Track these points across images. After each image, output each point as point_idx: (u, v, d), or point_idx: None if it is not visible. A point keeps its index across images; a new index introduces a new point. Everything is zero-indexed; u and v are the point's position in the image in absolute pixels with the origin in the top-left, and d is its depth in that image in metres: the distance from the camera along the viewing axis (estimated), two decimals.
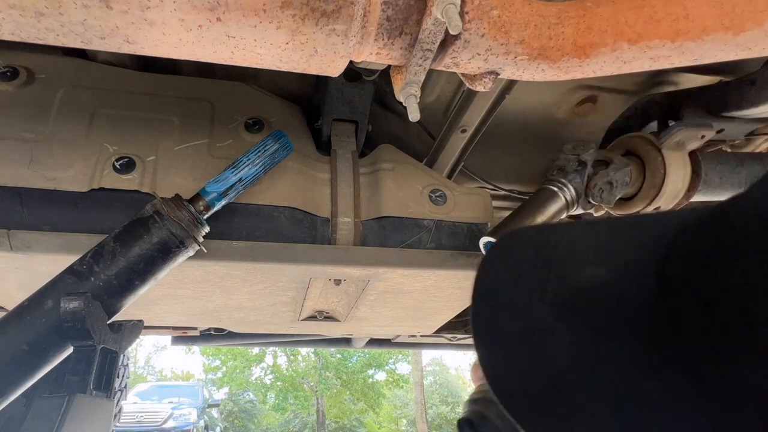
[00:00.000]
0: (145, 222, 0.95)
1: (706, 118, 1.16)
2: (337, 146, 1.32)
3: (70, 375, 0.94)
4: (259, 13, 0.64)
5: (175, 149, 1.14)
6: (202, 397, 15.71)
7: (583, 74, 0.80)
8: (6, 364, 0.86)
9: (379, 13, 0.68)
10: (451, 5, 0.64)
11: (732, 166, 1.19)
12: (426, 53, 0.72)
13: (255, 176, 1.05)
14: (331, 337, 2.38)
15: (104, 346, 0.96)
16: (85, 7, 0.62)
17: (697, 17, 0.74)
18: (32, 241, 1.00)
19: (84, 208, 1.05)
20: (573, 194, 1.08)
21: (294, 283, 1.27)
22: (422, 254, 1.22)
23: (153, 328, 2.02)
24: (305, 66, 0.75)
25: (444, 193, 1.28)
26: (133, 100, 1.18)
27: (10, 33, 0.66)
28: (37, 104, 1.11)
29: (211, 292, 1.32)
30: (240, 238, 1.12)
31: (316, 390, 19.96)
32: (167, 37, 0.68)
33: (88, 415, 0.92)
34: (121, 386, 3.99)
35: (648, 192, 1.16)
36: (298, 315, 1.61)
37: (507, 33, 0.72)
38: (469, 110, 1.27)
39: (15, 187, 1.03)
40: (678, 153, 1.15)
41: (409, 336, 2.43)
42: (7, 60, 1.15)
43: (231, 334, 2.27)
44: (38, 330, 0.88)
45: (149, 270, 0.95)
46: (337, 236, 1.20)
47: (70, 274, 0.92)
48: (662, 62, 0.79)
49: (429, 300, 1.48)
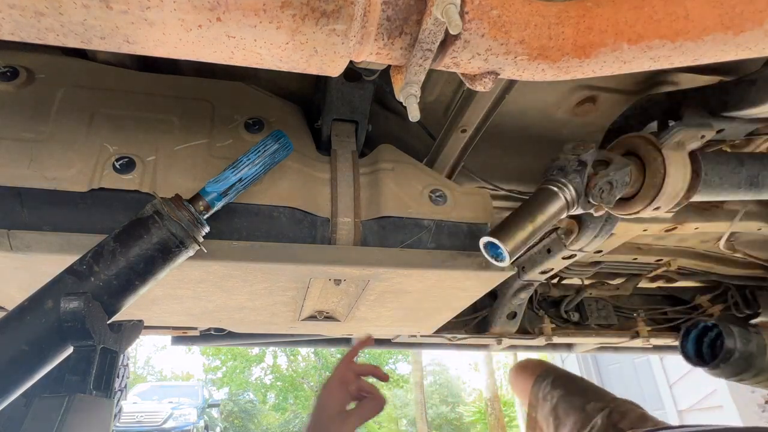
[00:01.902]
0: (145, 222, 0.95)
1: (706, 118, 1.16)
2: (337, 146, 1.32)
3: (70, 375, 0.94)
4: (259, 13, 0.64)
5: (175, 149, 1.14)
6: (202, 397, 15.72)
7: (583, 74, 0.80)
8: (6, 364, 0.86)
9: (379, 13, 0.68)
10: (451, 5, 0.64)
11: (732, 166, 1.19)
12: (426, 53, 0.72)
13: (255, 176, 1.05)
14: (331, 337, 2.38)
15: (104, 346, 0.96)
16: (85, 7, 0.62)
17: (697, 17, 0.74)
18: (32, 241, 1.00)
19: (84, 208, 1.05)
20: (573, 194, 1.08)
21: (294, 283, 1.27)
22: (422, 254, 1.22)
23: (153, 328, 2.02)
24: (305, 66, 0.75)
25: (444, 193, 1.28)
26: (133, 100, 1.18)
27: (10, 33, 0.66)
28: (37, 104, 1.11)
29: (211, 292, 1.32)
30: (240, 238, 1.12)
31: (316, 390, 19.95)
32: (167, 37, 0.68)
33: (88, 415, 0.92)
34: (121, 386, 3.99)
35: (648, 192, 1.16)
36: (298, 315, 1.61)
37: (507, 33, 0.72)
38: (469, 110, 1.27)
39: (15, 187, 1.02)
40: (678, 153, 1.15)
41: (409, 336, 2.43)
42: (7, 60, 1.15)
43: (231, 334, 2.26)
44: (38, 330, 0.88)
45: (149, 270, 0.95)
46: (337, 236, 1.20)
47: (70, 274, 0.92)
48: (662, 62, 0.79)
49: (429, 300, 1.48)
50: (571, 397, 1.88)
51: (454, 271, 1.23)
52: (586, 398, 1.82)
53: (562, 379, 2.04)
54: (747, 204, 1.72)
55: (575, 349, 2.77)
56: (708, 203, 1.70)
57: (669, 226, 1.69)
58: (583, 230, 1.46)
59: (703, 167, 1.16)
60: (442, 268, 1.22)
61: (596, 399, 1.79)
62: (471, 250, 1.24)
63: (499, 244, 1.01)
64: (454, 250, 1.24)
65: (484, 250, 1.06)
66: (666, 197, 1.15)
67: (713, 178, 1.17)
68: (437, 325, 1.84)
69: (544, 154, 1.56)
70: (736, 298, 2.49)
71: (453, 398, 23.35)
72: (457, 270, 1.23)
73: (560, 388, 1.96)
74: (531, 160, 1.65)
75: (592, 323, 2.45)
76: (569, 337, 2.42)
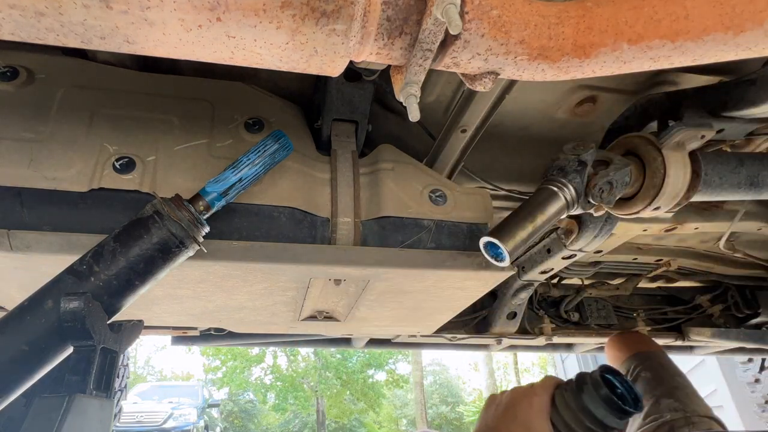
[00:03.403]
0: (145, 222, 0.95)
1: (706, 118, 1.16)
2: (337, 146, 1.32)
3: (70, 375, 0.94)
4: (259, 13, 0.64)
5: (175, 149, 1.14)
6: (202, 397, 15.74)
7: (583, 74, 0.80)
8: (6, 364, 0.86)
9: (379, 13, 0.68)
10: (451, 5, 0.64)
11: (732, 166, 1.19)
12: (426, 53, 0.72)
13: (255, 176, 1.05)
14: (331, 337, 2.38)
15: (104, 346, 0.96)
16: (85, 7, 0.62)
17: (697, 17, 0.74)
18: (32, 241, 1.00)
19: (84, 208, 1.05)
20: (573, 194, 1.08)
21: (294, 283, 1.27)
22: (422, 254, 1.22)
23: (153, 328, 2.02)
24: (305, 66, 0.75)
25: (444, 193, 1.28)
26: (133, 100, 1.18)
27: (10, 33, 0.66)
28: (37, 104, 1.11)
29: (211, 292, 1.32)
30: (240, 238, 1.12)
31: (316, 390, 19.97)
32: (167, 37, 0.68)
33: (88, 415, 0.92)
34: (121, 386, 3.99)
35: (648, 192, 1.16)
36: (298, 315, 1.61)
37: (507, 33, 0.72)
38: (469, 110, 1.27)
39: (15, 187, 1.02)
40: (678, 153, 1.15)
41: (409, 336, 2.43)
42: (7, 60, 1.15)
43: (231, 334, 2.27)
44: (38, 330, 0.88)
45: (149, 270, 0.95)
46: (337, 236, 1.20)
47: (70, 274, 0.92)
48: (662, 62, 0.79)
49: (429, 300, 1.48)
50: (654, 384, 1.82)
51: (454, 271, 1.23)
52: (667, 392, 1.75)
53: (655, 363, 1.96)
54: (747, 204, 1.73)
55: (575, 349, 2.78)
56: (708, 203, 1.70)
57: (669, 226, 1.69)
58: (583, 230, 1.46)
59: (703, 167, 1.16)
60: (442, 268, 1.22)
61: (676, 398, 1.71)
62: (471, 250, 1.24)
63: (499, 244, 1.01)
64: (454, 250, 1.24)
65: (484, 250, 1.06)
66: (666, 197, 1.15)
67: (713, 178, 1.17)
68: (437, 325, 1.84)
69: (544, 154, 1.57)
70: (736, 298, 2.49)
71: (453, 398, 23.37)
72: (457, 270, 1.23)
73: (650, 371, 1.91)
74: (531, 160, 1.65)
75: (592, 323, 2.45)
76: (569, 337, 2.42)
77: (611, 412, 0.83)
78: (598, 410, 0.84)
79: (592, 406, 0.84)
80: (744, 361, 5.95)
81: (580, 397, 0.87)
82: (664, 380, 1.85)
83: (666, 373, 1.90)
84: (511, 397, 0.97)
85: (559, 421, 0.89)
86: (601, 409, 0.84)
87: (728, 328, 2.48)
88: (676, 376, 1.88)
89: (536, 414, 0.90)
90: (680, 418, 1.61)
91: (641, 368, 1.93)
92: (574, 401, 0.87)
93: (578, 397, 0.87)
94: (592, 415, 0.84)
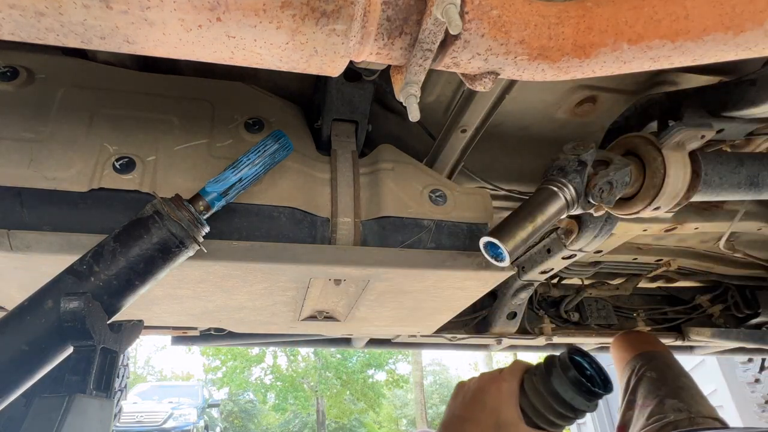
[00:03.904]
0: (145, 222, 0.95)
1: (706, 118, 1.16)
2: (337, 146, 1.32)
3: (70, 375, 0.94)
4: (259, 13, 0.64)
5: (175, 149, 1.14)
6: (202, 397, 15.74)
7: (583, 74, 0.80)
8: (6, 364, 0.86)
9: (379, 13, 0.68)
10: (451, 5, 0.64)
11: (732, 166, 1.19)
12: (426, 53, 0.72)
13: (255, 176, 1.05)
14: (331, 337, 2.38)
15: (104, 346, 0.96)
16: (85, 7, 0.62)
17: (697, 17, 0.74)
18: (32, 241, 1.00)
19: (84, 208, 1.05)
20: (573, 194, 1.08)
21: (294, 283, 1.27)
22: (422, 254, 1.22)
23: (153, 328, 2.02)
24: (305, 66, 0.75)
25: (444, 193, 1.28)
26: (133, 100, 1.18)
27: (10, 33, 0.66)
28: (37, 104, 1.11)
29: (211, 292, 1.32)
30: (240, 238, 1.12)
31: (316, 390, 19.97)
32: (167, 37, 0.68)
33: (88, 415, 0.92)
34: (121, 386, 4.00)
35: (648, 192, 1.16)
36: (298, 315, 1.61)
37: (507, 33, 0.72)
38: (469, 110, 1.27)
39: (15, 187, 1.02)
40: (678, 153, 1.15)
41: (409, 336, 2.43)
42: (7, 60, 1.15)
43: (231, 334, 2.27)
44: (38, 330, 0.88)
45: (149, 270, 0.95)
46: (337, 236, 1.20)
47: (70, 274, 0.92)
48: (662, 62, 0.79)
49: (429, 300, 1.48)
50: (659, 384, 1.80)
51: (454, 271, 1.23)
52: (672, 392, 1.72)
53: (661, 363, 1.93)
54: (747, 204, 1.73)
55: None
56: (708, 203, 1.70)
57: (669, 226, 1.69)
58: (583, 230, 1.46)
59: (703, 167, 1.16)
60: (442, 268, 1.22)
61: (681, 399, 1.68)
62: (471, 250, 1.24)
63: (499, 244, 1.01)
64: (454, 250, 1.24)
65: (484, 250, 1.06)
66: (666, 197, 1.15)
67: (713, 178, 1.17)
68: (437, 325, 1.84)
69: (544, 154, 1.57)
70: (736, 298, 2.49)
71: None
72: (457, 270, 1.23)
73: (655, 371, 1.89)
74: (531, 160, 1.65)
75: (592, 323, 2.45)
76: (569, 337, 2.42)
77: (579, 393, 0.81)
78: (567, 392, 0.81)
79: (560, 389, 0.82)
80: (744, 361, 5.96)
81: (548, 380, 0.84)
82: (668, 380, 1.83)
83: (671, 373, 1.88)
84: (479, 384, 0.94)
85: (528, 406, 0.86)
86: (569, 391, 0.81)
87: (728, 328, 2.48)
88: (681, 377, 1.86)
89: (505, 400, 0.87)
90: (684, 418, 1.59)
91: (646, 368, 1.91)
92: (543, 385, 0.85)
93: (547, 381, 0.84)
94: (561, 397, 0.82)
